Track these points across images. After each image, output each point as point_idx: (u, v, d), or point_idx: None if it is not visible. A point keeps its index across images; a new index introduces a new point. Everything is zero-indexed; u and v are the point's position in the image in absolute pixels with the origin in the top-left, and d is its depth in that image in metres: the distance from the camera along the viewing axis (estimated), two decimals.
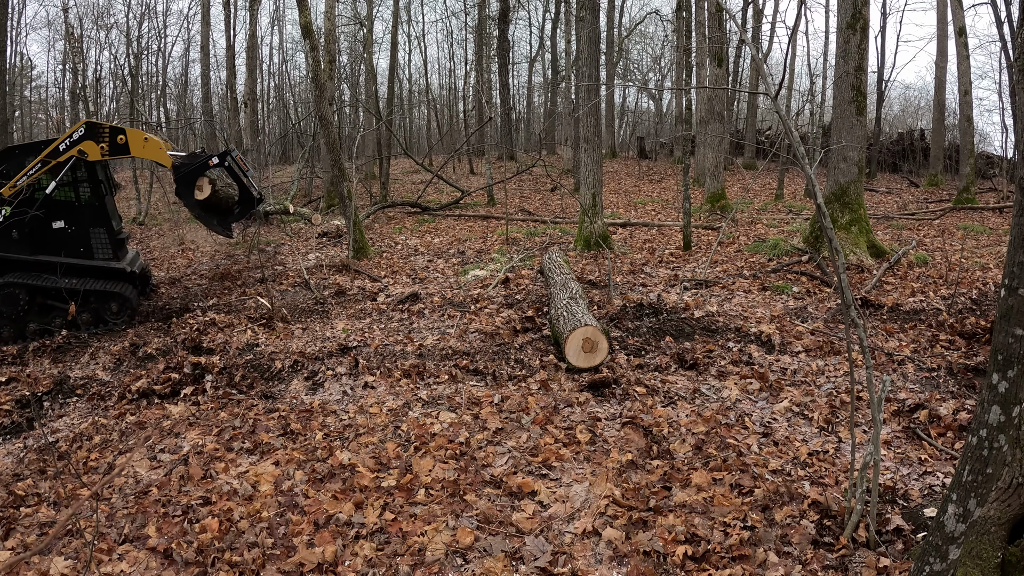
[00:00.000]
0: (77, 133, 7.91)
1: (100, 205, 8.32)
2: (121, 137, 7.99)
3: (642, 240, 12.66)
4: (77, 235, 8.28)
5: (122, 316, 8.19)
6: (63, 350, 7.32)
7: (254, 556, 3.42)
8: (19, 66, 30.00)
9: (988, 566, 2.85)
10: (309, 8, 11.83)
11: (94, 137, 7.93)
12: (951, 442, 4.45)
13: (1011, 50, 17.06)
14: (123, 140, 8.00)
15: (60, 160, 7.93)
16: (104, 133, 7.97)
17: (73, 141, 7.90)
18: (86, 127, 8.00)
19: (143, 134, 8.15)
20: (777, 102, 3.79)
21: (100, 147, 7.95)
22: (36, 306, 8.00)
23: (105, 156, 7.97)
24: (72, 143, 7.90)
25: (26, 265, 8.09)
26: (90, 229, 8.32)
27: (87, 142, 7.90)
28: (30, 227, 8.06)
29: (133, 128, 8.42)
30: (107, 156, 7.98)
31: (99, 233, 8.40)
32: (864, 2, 9.80)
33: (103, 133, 7.98)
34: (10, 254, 8.03)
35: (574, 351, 5.85)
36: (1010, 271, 2.36)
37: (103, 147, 7.95)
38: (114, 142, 7.95)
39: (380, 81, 28.17)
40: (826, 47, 24.37)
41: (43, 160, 7.83)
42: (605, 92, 24.28)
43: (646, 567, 3.27)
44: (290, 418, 5.14)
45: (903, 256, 9.91)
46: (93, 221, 8.32)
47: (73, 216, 8.24)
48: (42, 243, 8.21)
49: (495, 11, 30.15)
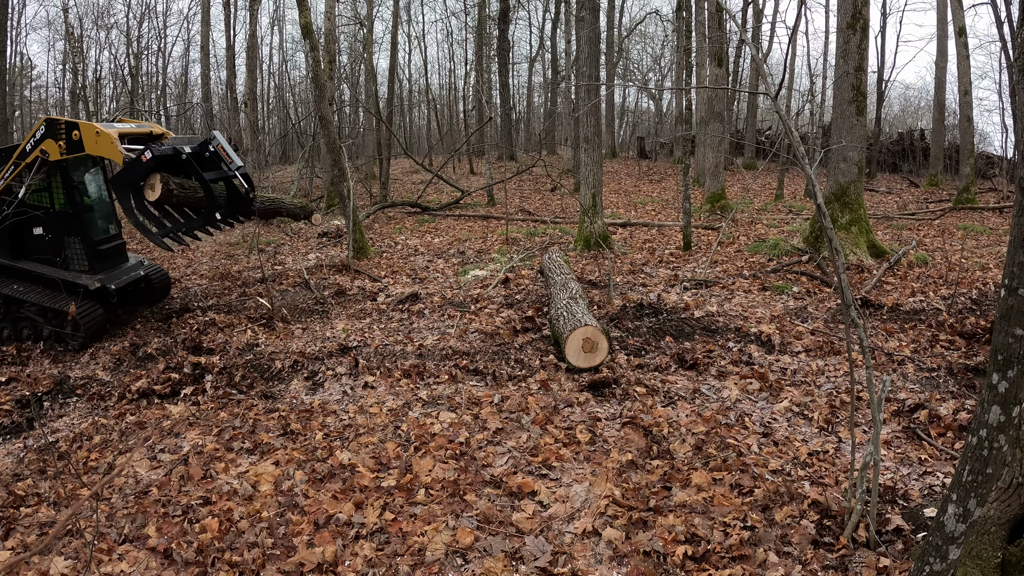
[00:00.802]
0: (39, 131, 7.21)
1: (75, 213, 7.69)
2: (76, 133, 7.04)
3: (642, 240, 12.66)
4: (53, 243, 7.74)
5: (76, 338, 7.38)
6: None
7: (254, 556, 3.42)
8: (19, 66, 29.99)
9: (988, 566, 2.85)
10: (309, 8, 11.83)
11: (53, 135, 7.15)
12: (951, 442, 4.45)
13: (1011, 50, 17.06)
14: (77, 136, 7.04)
15: (28, 161, 7.33)
16: (60, 130, 7.12)
17: (36, 140, 7.23)
18: (46, 124, 7.22)
19: (95, 127, 7.06)
20: (777, 102, 3.79)
21: (58, 145, 7.13)
22: (12, 312, 7.60)
23: (64, 155, 7.14)
24: (36, 143, 7.23)
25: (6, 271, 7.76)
26: (64, 238, 7.72)
27: (47, 141, 7.16)
28: (10, 232, 7.67)
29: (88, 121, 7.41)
30: (66, 155, 7.13)
31: (74, 243, 7.78)
32: (864, 2, 9.80)
33: (60, 130, 7.14)
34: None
35: (574, 351, 5.85)
36: (1010, 271, 2.36)
37: (61, 145, 7.12)
38: (70, 139, 7.09)
39: (380, 81, 28.17)
40: (826, 47, 24.38)
41: (14, 162, 7.32)
42: (605, 92, 24.27)
43: (646, 567, 3.27)
44: (290, 418, 5.14)
45: (903, 256, 9.90)
46: (67, 229, 7.72)
47: (48, 223, 7.72)
48: (22, 249, 7.84)
49: (495, 11, 30.15)
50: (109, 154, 7.15)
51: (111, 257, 8.21)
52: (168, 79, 34.73)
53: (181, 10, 58.33)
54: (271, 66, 35.86)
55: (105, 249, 8.04)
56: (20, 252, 7.82)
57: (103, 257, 7.99)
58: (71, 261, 7.79)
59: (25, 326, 7.60)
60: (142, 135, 7.64)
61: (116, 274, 8.02)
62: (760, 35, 27.31)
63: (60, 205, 7.69)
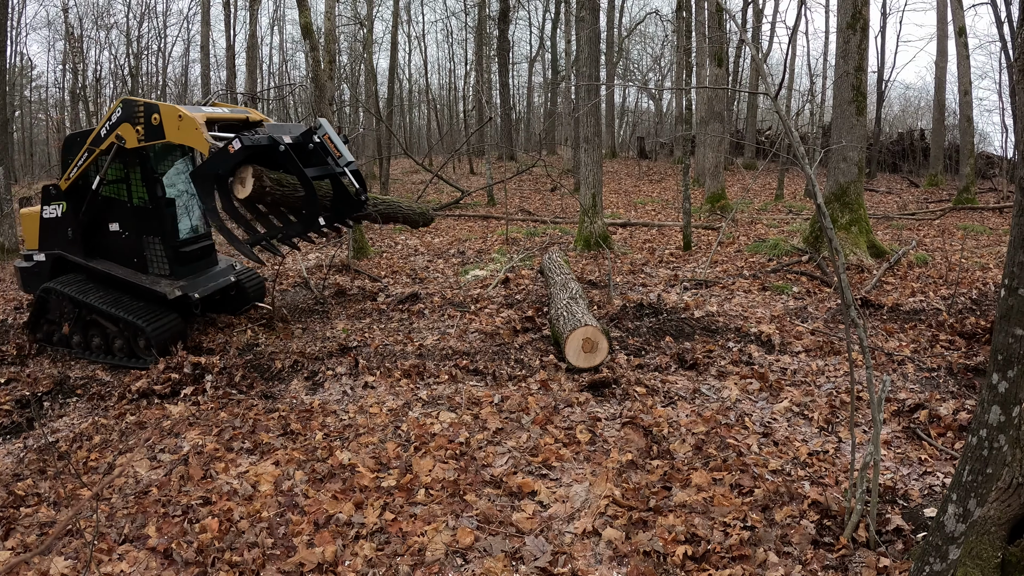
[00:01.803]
0: (115, 114, 6.33)
1: (156, 208, 6.83)
2: (155, 117, 6.11)
3: (642, 240, 12.66)
4: (130, 242, 6.91)
5: (149, 354, 6.55)
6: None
7: (254, 556, 3.42)
8: (19, 66, 30.00)
9: (988, 566, 2.85)
10: (309, 8, 11.83)
11: (130, 118, 6.24)
12: (951, 442, 4.45)
13: (1011, 50, 17.05)
14: (157, 120, 6.11)
15: (103, 148, 6.47)
16: (139, 113, 6.19)
17: (112, 124, 6.36)
18: (122, 106, 6.33)
19: (177, 110, 6.08)
20: (777, 102, 3.79)
21: (136, 130, 6.22)
22: (82, 318, 6.86)
23: (142, 142, 6.24)
24: (111, 127, 6.36)
25: (81, 270, 7.03)
26: (143, 237, 6.89)
27: (124, 125, 6.27)
28: (85, 226, 6.91)
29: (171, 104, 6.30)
30: (144, 142, 6.22)
31: (153, 243, 6.91)
32: (864, 2, 9.80)
33: (138, 113, 6.21)
34: (68, 254, 7.04)
35: (574, 351, 5.85)
36: (1010, 271, 2.36)
37: (139, 131, 6.22)
38: (149, 123, 6.14)
39: (380, 81, 28.18)
40: (826, 47, 24.39)
41: (88, 148, 6.54)
42: (605, 92, 24.28)
43: (646, 567, 3.27)
44: (290, 418, 5.14)
45: (903, 256, 9.91)
46: (146, 227, 6.86)
47: (125, 219, 6.90)
48: (96, 247, 7.02)
49: (495, 11, 30.16)
50: (193, 142, 6.17)
51: (196, 260, 7.33)
52: (168, 79, 34.75)
53: (181, 10, 58.33)
54: (271, 66, 35.88)
55: (189, 251, 7.17)
56: (94, 250, 7.06)
57: (186, 260, 7.12)
58: (150, 263, 6.99)
59: (95, 334, 6.86)
60: (236, 121, 6.69)
61: (200, 280, 7.16)
62: (760, 35, 27.32)
63: (138, 200, 6.86)
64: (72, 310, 6.85)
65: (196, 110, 6.28)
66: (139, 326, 6.50)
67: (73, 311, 6.85)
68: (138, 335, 6.62)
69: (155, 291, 6.76)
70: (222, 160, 5.80)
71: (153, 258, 6.97)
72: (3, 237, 12.93)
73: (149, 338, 6.49)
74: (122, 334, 6.73)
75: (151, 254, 6.96)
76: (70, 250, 7.02)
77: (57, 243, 7.08)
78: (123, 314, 6.58)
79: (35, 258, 7.27)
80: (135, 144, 6.29)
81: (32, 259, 7.31)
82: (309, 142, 6.15)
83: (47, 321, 7.12)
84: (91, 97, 27.11)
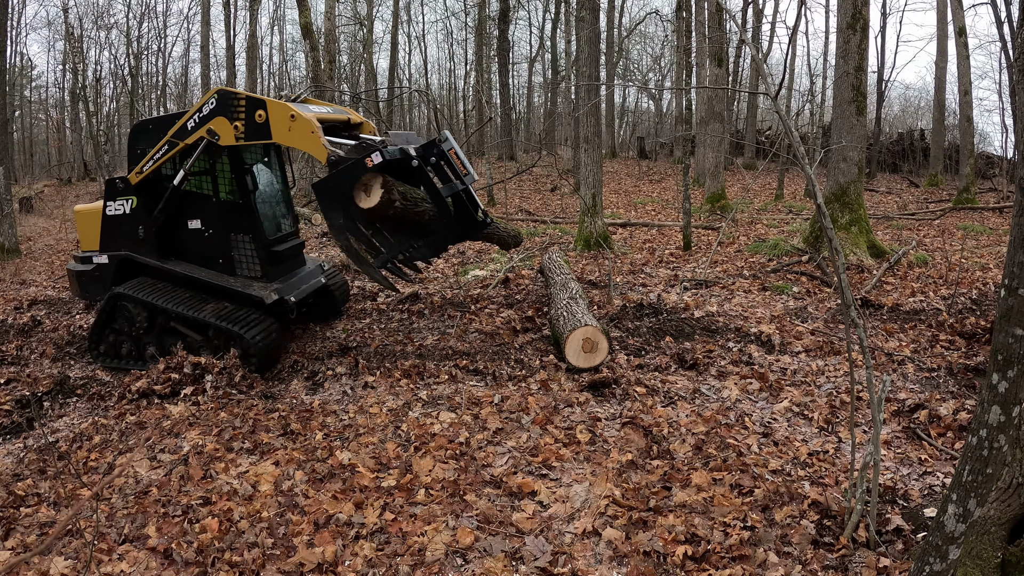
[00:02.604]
0: (207, 105, 5.81)
1: (247, 203, 6.24)
2: (260, 114, 5.58)
3: (642, 240, 12.66)
4: (214, 241, 6.34)
5: (249, 363, 6.01)
6: None
7: (254, 556, 3.42)
8: (19, 66, 30.01)
9: (988, 566, 2.85)
10: (309, 8, 11.84)
11: (227, 112, 5.72)
12: (951, 442, 4.45)
13: (1011, 50, 17.05)
14: (262, 118, 5.57)
15: (188, 142, 5.95)
16: (239, 107, 5.69)
17: (203, 117, 5.83)
18: (217, 97, 5.80)
19: (289, 109, 5.53)
20: (777, 102, 3.79)
21: (234, 127, 5.70)
22: (158, 326, 6.34)
23: (241, 141, 5.74)
24: (201, 120, 5.83)
25: (154, 272, 6.45)
26: (231, 235, 6.32)
27: (218, 119, 5.75)
28: (160, 225, 6.36)
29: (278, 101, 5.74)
30: (244, 141, 5.74)
31: (243, 242, 6.33)
32: (864, 2, 9.80)
33: (237, 107, 5.70)
34: (138, 255, 6.43)
35: (574, 351, 5.85)
36: (1010, 271, 2.36)
37: (237, 127, 5.69)
38: (252, 121, 5.62)
39: (380, 81, 28.18)
40: (826, 47, 24.40)
41: (170, 141, 6.02)
42: (605, 92, 24.28)
43: (646, 567, 3.27)
44: (290, 418, 5.14)
45: (903, 256, 9.91)
46: (235, 224, 6.29)
47: (209, 215, 6.32)
48: (173, 246, 6.46)
49: (495, 11, 30.16)
50: (308, 147, 5.57)
51: (287, 261, 6.74)
52: (168, 79, 34.77)
53: (181, 10, 58.38)
54: (271, 66, 35.89)
55: (282, 251, 6.58)
56: (168, 250, 6.48)
57: (279, 261, 6.54)
58: (238, 264, 6.38)
59: (174, 343, 6.20)
60: (338, 123, 6.24)
61: (294, 283, 6.56)
62: (760, 35, 27.32)
63: (226, 194, 6.27)
64: (146, 319, 6.25)
65: (305, 109, 5.81)
66: (238, 334, 5.93)
67: (146, 320, 6.25)
68: (234, 344, 6.03)
69: (249, 295, 6.14)
70: (357, 174, 5.22)
71: (242, 258, 6.36)
72: (3, 237, 12.94)
73: (249, 347, 5.93)
74: (210, 344, 6.16)
75: (240, 254, 6.36)
76: (140, 251, 6.42)
77: (124, 243, 6.47)
78: (219, 322, 5.97)
79: (95, 260, 6.63)
80: (231, 142, 5.78)
81: (91, 261, 6.66)
82: (430, 155, 5.65)
83: (113, 331, 6.47)
84: (91, 97, 27.10)
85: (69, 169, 30.59)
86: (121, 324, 6.38)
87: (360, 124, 6.54)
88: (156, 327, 6.34)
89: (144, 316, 6.27)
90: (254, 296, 6.14)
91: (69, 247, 14.78)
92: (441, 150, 5.67)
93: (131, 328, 6.33)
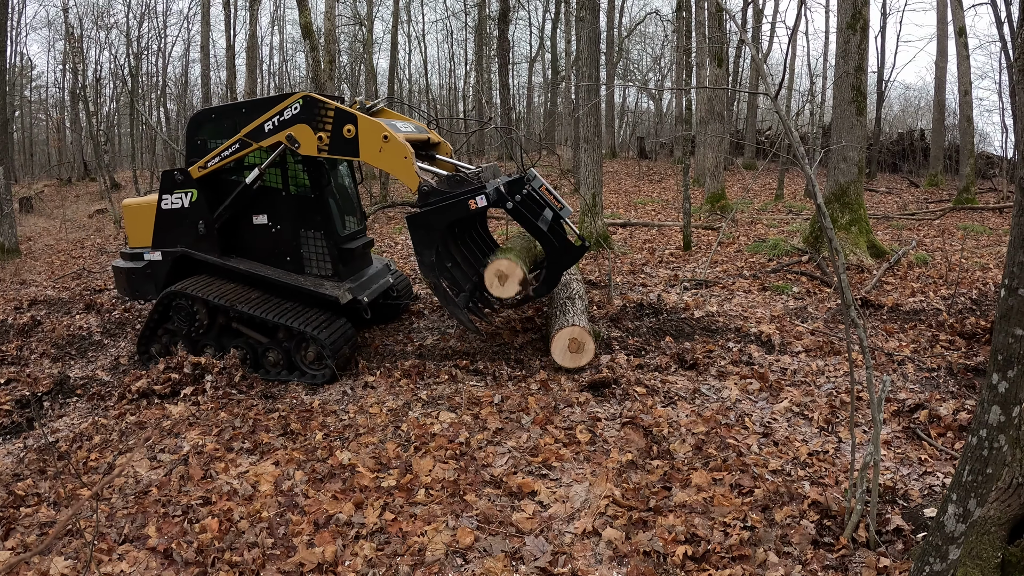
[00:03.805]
0: (290, 110, 5.61)
1: (319, 197, 6.01)
2: (349, 129, 5.44)
3: (642, 240, 12.66)
4: (282, 238, 6.11)
5: (321, 367, 5.89)
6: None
7: (254, 556, 3.42)
8: (19, 66, 30.01)
9: (988, 566, 2.85)
10: (309, 8, 11.84)
11: (311, 121, 5.56)
12: (951, 442, 4.45)
13: (1011, 50, 17.05)
14: (351, 133, 5.44)
15: (263, 145, 5.77)
16: (326, 118, 5.52)
17: (283, 121, 5.64)
18: (303, 103, 5.59)
19: (383, 129, 5.39)
20: (777, 102, 3.79)
21: (317, 137, 5.56)
22: (218, 326, 6.13)
23: (323, 153, 5.60)
24: (281, 123, 5.65)
25: (214, 270, 6.21)
26: (301, 231, 6.10)
27: (300, 126, 5.59)
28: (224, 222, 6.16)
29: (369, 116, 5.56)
30: (327, 154, 5.61)
31: (314, 239, 6.10)
32: (864, 2, 9.80)
33: (324, 117, 5.52)
34: (196, 252, 6.19)
35: (560, 351, 5.81)
36: (1010, 271, 2.36)
37: (321, 138, 5.55)
38: (339, 134, 5.49)
39: (380, 81, 28.19)
40: (826, 47, 24.39)
41: (241, 140, 5.81)
42: (605, 92, 24.28)
43: (646, 567, 3.27)
44: (290, 418, 5.14)
45: (903, 256, 9.91)
46: (306, 221, 6.07)
47: (279, 211, 6.06)
48: (236, 243, 6.22)
49: (495, 11, 30.16)
50: (397, 172, 5.46)
51: (357, 259, 6.54)
52: (168, 79, 34.77)
53: (181, 10, 58.38)
54: (271, 66, 35.89)
55: (353, 248, 6.37)
56: (231, 247, 6.25)
57: (349, 259, 6.31)
58: (308, 263, 6.14)
59: (239, 345, 6.05)
60: (419, 142, 6.11)
61: (364, 282, 6.38)
62: (760, 35, 27.33)
63: (297, 188, 6.04)
64: (207, 318, 6.03)
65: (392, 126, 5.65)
66: (313, 336, 5.73)
67: (206, 319, 6.03)
68: (306, 346, 5.89)
69: (322, 294, 5.94)
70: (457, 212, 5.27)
71: (312, 256, 6.12)
72: (3, 237, 12.94)
73: (325, 348, 5.72)
74: (279, 345, 5.97)
75: (310, 252, 6.12)
76: (200, 247, 6.14)
77: (180, 239, 6.19)
78: (292, 322, 5.76)
79: (147, 257, 6.33)
80: (312, 152, 5.61)
81: (143, 258, 6.36)
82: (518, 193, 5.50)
83: (167, 332, 6.25)
84: (91, 97, 27.10)
85: (69, 169, 30.60)
86: (178, 324, 6.10)
87: (438, 144, 6.44)
88: (216, 327, 6.12)
89: (204, 315, 6.04)
90: (328, 296, 5.93)
91: (69, 247, 14.79)
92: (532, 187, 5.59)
93: (189, 328, 6.07)
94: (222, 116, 6.08)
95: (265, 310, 5.89)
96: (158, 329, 6.27)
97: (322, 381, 5.85)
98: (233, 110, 6.07)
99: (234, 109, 6.08)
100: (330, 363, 5.78)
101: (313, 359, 5.94)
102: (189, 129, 6.28)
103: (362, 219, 6.94)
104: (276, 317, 5.83)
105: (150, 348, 6.32)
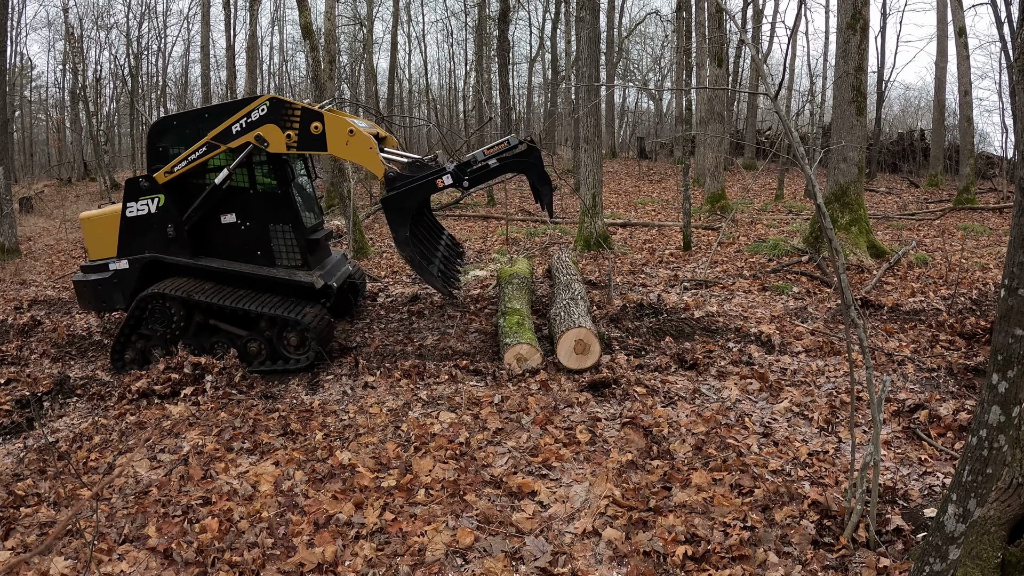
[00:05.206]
0: (257, 111, 5.93)
1: (285, 193, 6.32)
2: (316, 126, 5.86)
3: (642, 240, 12.66)
4: (252, 234, 6.36)
5: (304, 351, 6.17)
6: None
7: (254, 556, 3.42)
8: (19, 66, 30.00)
9: (988, 566, 2.85)
10: (309, 8, 11.84)
11: (279, 121, 5.93)
12: (951, 442, 4.45)
13: (1011, 50, 17.06)
14: (318, 130, 5.87)
15: (232, 146, 6.04)
16: (293, 116, 5.92)
17: (251, 122, 5.95)
18: (269, 105, 5.95)
19: (348, 124, 5.90)
20: (777, 102, 3.80)
21: (286, 136, 5.94)
22: (195, 325, 6.28)
23: (292, 150, 6.01)
24: (249, 125, 5.96)
25: (185, 272, 6.37)
26: (270, 226, 6.36)
27: (268, 126, 5.94)
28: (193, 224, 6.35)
29: (335, 112, 6.13)
30: (296, 150, 6.02)
31: (283, 232, 6.37)
32: (864, 2, 9.80)
33: (291, 116, 5.91)
34: (167, 256, 6.35)
35: (565, 352, 5.83)
36: (1010, 271, 2.36)
37: (290, 136, 5.93)
38: (307, 132, 5.89)
39: (380, 81, 28.19)
40: (826, 47, 24.36)
41: (209, 143, 6.06)
42: (605, 92, 24.28)
43: (646, 567, 3.27)
44: (290, 418, 5.14)
45: (903, 256, 9.91)
46: (275, 215, 6.34)
47: (246, 209, 6.32)
48: (206, 243, 6.42)
49: (495, 11, 30.11)
50: (364, 162, 5.99)
51: (322, 249, 6.91)
52: (168, 79, 34.77)
53: (181, 10, 58.35)
54: (271, 66, 35.89)
55: (318, 239, 6.74)
56: (202, 248, 6.45)
57: (315, 249, 6.65)
58: (278, 255, 6.41)
59: (219, 341, 6.29)
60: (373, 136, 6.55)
61: (331, 270, 6.75)
62: (760, 35, 27.33)
63: (264, 185, 6.32)
64: (184, 318, 6.18)
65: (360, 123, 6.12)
66: (295, 320, 6.01)
67: (183, 320, 6.17)
68: (289, 331, 6.14)
69: (297, 282, 6.26)
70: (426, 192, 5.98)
71: (282, 248, 6.40)
72: (3, 237, 12.94)
73: (309, 331, 6.03)
74: (261, 335, 6.19)
75: (280, 244, 6.39)
76: (171, 251, 6.32)
77: (149, 245, 6.34)
78: (273, 311, 6.04)
79: (112, 267, 6.40)
80: (282, 150, 5.97)
81: (108, 268, 6.42)
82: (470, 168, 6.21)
83: (141, 337, 6.31)
84: (91, 97, 27.10)
85: (69, 169, 30.59)
86: (153, 327, 6.22)
87: (385, 139, 6.85)
88: (193, 326, 6.26)
89: (182, 315, 6.18)
90: (303, 283, 6.26)
91: (69, 247, 14.78)
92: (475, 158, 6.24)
93: (166, 330, 6.19)
94: (184, 123, 6.27)
95: (247, 303, 6.13)
96: (132, 335, 6.33)
97: (306, 364, 6.13)
98: (195, 117, 6.32)
99: (196, 116, 6.36)
100: (315, 346, 6.05)
101: (296, 345, 6.19)
102: (150, 136, 6.43)
103: (320, 213, 7.30)
104: (259, 308, 6.09)
105: (124, 355, 6.37)
